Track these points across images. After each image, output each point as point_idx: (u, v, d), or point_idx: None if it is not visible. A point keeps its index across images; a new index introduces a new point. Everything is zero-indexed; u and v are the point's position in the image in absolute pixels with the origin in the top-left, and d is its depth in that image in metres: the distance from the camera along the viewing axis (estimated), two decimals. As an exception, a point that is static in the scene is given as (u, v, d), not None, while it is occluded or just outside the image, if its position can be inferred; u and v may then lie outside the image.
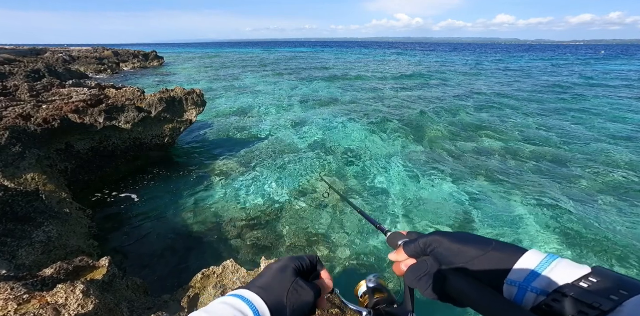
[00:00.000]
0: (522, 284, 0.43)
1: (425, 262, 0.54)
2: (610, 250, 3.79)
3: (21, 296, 1.52)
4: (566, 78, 20.68)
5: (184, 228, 4.13)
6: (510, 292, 0.45)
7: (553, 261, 0.43)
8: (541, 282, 0.42)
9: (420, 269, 0.54)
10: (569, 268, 0.42)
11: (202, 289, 2.19)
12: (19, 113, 4.56)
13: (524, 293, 0.43)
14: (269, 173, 5.87)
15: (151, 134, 6.31)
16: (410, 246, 0.57)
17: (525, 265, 0.44)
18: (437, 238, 0.54)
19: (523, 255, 0.46)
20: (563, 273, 0.42)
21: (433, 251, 0.53)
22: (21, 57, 20.20)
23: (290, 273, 0.55)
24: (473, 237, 0.53)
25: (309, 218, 4.41)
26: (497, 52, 67.69)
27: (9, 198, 2.70)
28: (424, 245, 0.55)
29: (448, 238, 0.53)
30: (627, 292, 0.36)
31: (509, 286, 0.45)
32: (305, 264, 0.58)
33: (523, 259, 0.45)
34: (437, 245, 0.53)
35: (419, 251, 0.56)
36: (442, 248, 0.52)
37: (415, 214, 4.56)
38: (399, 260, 0.58)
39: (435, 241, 0.53)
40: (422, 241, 0.55)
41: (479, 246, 0.50)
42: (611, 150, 7.08)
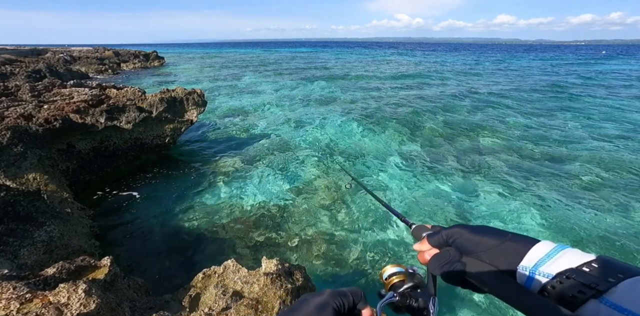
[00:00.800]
0: (531, 269, 0.48)
1: (447, 251, 0.59)
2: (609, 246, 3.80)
3: (23, 295, 1.52)
4: (565, 77, 20.67)
5: (185, 227, 4.14)
6: (521, 277, 0.50)
7: (562, 250, 0.48)
8: (548, 267, 0.47)
9: (443, 257, 0.58)
10: (575, 255, 0.46)
11: (203, 289, 2.19)
12: (20, 113, 4.57)
13: (532, 277, 0.48)
14: (270, 172, 5.88)
15: (152, 134, 6.32)
16: (434, 238, 0.61)
17: (536, 253, 0.49)
18: (458, 230, 0.59)
19: (535, 244, 0.50)
20: (569, 259, 0.46)
21: (454, 242, 0.58)
22: (22, 57, 20.24)
23: (329, 313, 0.50)
24: (490, 229, 0.58)
25: (309, 215, 4.41)
26: (497, 52, 67.66)
27: (10, 198, 2.71)
28: (446, 236, 0.59)
29: (468, 230, 0.58)
30: (623, 275, 0.40)
31: (520, 272, 0.50)
32: (347, 302, 0.53)
33: (535, 248, 0.50)
34: (458, 236, 0.58)
35: (442, 242, 0.60)
36: (463, 238, 0.57)
37: (418, 212, 4.57)
38: (423, 249, 0.63)
39: (456, 232, 0.58)
40: (444, 233, 0.60)
41: (496, 237, 0.54)
42: (609, 149, 7.08)
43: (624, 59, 42.51)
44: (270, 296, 1.85)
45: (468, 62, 36.19)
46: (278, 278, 1.96)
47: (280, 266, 2.08)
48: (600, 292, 0.40)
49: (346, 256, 3.66)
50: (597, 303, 0.40)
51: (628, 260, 3.62)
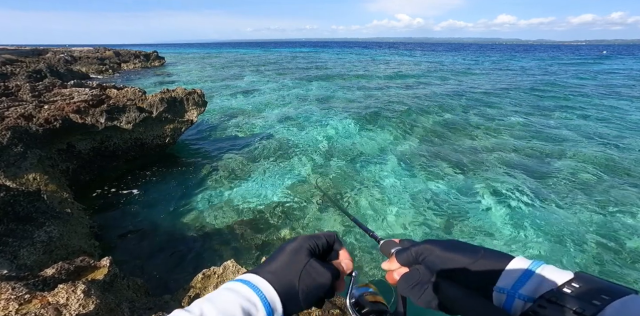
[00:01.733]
0: (509, 291, 0.45)
1: (417, 270, 0.55)
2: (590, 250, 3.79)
3: (22, 296, 1.52)
4: (564, 77, 20.63)
5: (184, 227, 4.14)
6: (499, 299, 0.46)
7: (538, 268, 0.45)
8: (527, 289, 0.44)
9: (413, 277, 0.54)
10: (552, 273, 0.44)
11: (203, 289, 2.19)
12: (20, 113, 4.58)
13: (512, 300, 0.45)
14: (270, 172, 5.88)
15: (152, 134, 6.32)
16: (402, 255, 0.57)
17: (512, 272, 0.46)
18: (428, 246, 0.54)
19: (510, 261, 0.48)
20: (547, 279, 0.43)
21: (424, 260, 0.54)
22: (23, 57, 20.26)
23: (304, 254, 0.52)
24: (462, 244, 0.54)
25: (309, 215, 4.41)
26: (497, 52, 67.68)
27: (10, 198, 2.71)
28: (415, 253, 0.55)
29: (438, 247, 0.54)
30: (608, 297, 0.38)
31: (497, 293, 0.46)
32: (321, 243, 0.55)
33: (510, 266, 0.47)
34: (428, 253, 0.54)
35: (411, 260, 0.56)
36: (433, 256, 0.53)
37: (407, 214, 4.56)
38: (392, 268, 0.59)
39: (426, 249, 0.54)
40: (413, 249, 0.56)
41: (469, 254, 0.51)
42: (603, 149, 7.07)
43: (625, 59, 42.46)
44: (270, 297, 1.84)
45: (467, 62, 36.22)
46: (278, 278, 1.95)
47: (279, 267, 2.07)
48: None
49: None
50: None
51: (620, 264, 3.61)
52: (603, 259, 3.66)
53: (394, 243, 0.64)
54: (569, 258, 3.72)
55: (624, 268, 3.52)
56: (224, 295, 0.45)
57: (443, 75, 21.63)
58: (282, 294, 0.48)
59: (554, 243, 3.94)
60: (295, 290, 0.49)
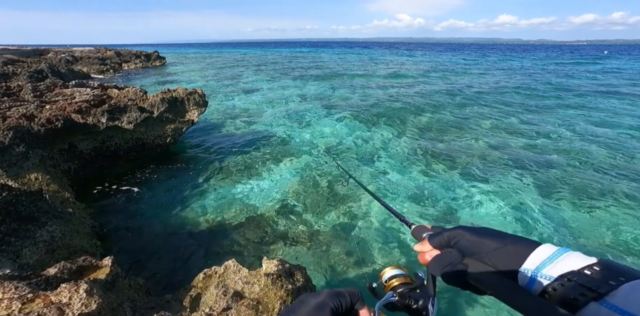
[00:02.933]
0: (533, 272, 0.48)
1: (449, 253, 0.58)
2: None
3: (25, 295, 1.53)
4: (563, 77, 20.62)
5: (186, 227, 4.15)
6: (523, 279, 0.50)
7: (564, 253, 0.48)
8: (550, 270, 0.47)
9: (444, 259, 0.58)
10: (576, 258, 0.46)
11: (204, 289, 2.19)
12: (22, 114, 4.59)
13: (534, 280, 0.48)
14: (271, 171, 5.88)
15: (153, 134, 6.33)
16: (435, 239, 0.61)
17: (538, 256, 0.49)
18: (460, 231, 0.58)
19: (537, 247, 0.51)
20: (570, 262, 0.46)
21: (456, 244, 0.58)
22: (24, 57, 20.30)
23: (327, 314, 0.50)
24: (492, 231, 0.57)
25: (310, 215, 4.42)
26: (497, 52, 67.72)
27: (12, 198, 2.72)
28: (448, 237, 0.59)
29: (470, 232, 0.57)
30: (624, 278, 0.40)
31: (522, 274, 0.50)
32: (344, 303, 0.53)
33: (537, 251, 0.50)
34: (460, 237, 0.57)
35: (443, 243, 0.60)
36: (465, 240, 0.57)
37: (417, 209, 4.57)
38: (424, 250, 0.62)
39: (458, 234, 0.58)
40: (446, 234, 0.60)
41: (498, 240, 0.54)
42: (601, 147, 7.07)
43: (625, 59, 42.36)
44: (271, 297, 1.85)
45: (465, 61, 36.32)
46: (279, 278, 1.96)
47: (280, 267, 2.08)
48: (602, 295, 0.40)
49: (346, 256, 3.66)
50: (598, 306, 0.40)
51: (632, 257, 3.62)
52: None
53: (425, 229, 0.69)
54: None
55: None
56: None
57: (441, 75, 21.81)
58: None
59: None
60: None
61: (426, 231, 0.68)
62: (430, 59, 39.44)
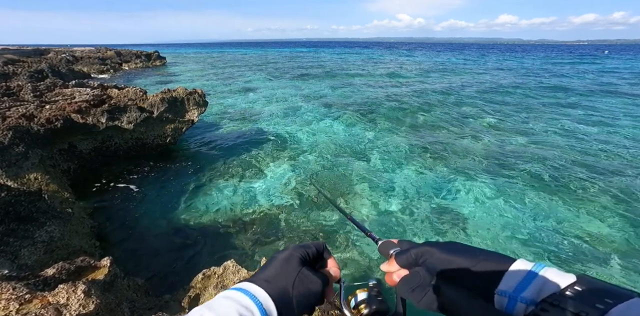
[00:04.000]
0: (512, 294, 0.44)
1: (417, 273, 0.54)
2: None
3: (23, 296, 1.53)
4: (561, 76, 20.59)
5: (185, 227, 4.14)
6: (501, 302, 0.46)
7: (540, 270, 0.45)
8: (530, 292, 0.43)
9: (413, 280, 0.54)
10: (555, 276, 0.43)
11: (203, 289, 2.19)
12: (22, 113, 4.59)
13: (514, 304, 0.44)
14: (270, 171, 5.88)
15: (153, 134, 6.33)
16: (402, 257, 0.57)
17: (514, 275, 0.46)
18: (428, 248, 0.54)
19: (511, 264, 0.47)
20: (549, 282, 0.43)
21: (425, 262, 0.54)
22: (25, 57, 20.32)
23: (296, 263, 0.54)
24: (463, 247, 0.54)
25: (309, 216, 4.41)
26: (497, 52, 67.81)
27: (11, 198, 2.72)
28: (415, 255, 0.55)
29: (438, 249, 0.53)
30: (611, 300, 0.37)
31: (499, 296, 0.46)
32: (311, 252, 0.57)
33: (512, 269, 0.47)
34: (429, 255, 0.53)
35: (411, 262, 0.56)
36: (434, 258, 0.52)
37: (407, 213, 4.57)
38: (391, 270, 0.58)
39: (426, 252, 0.54)
40: (413, 251, 0.55)
41: (469, 257, 0.50)
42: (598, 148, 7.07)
43: (625, 59, 42.30)
44: (270, 298, 1.84)
45: (463, 61, 36.40)
46: (277, 279, 1.95)
47: (279, 267, 2.07)
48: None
49: (348, 256, 3.66)
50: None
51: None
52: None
53: (392, 244, 0.63)
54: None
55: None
56: (223, 302, 0.47)
57: (439, 75, 21.92)
58: (277, 301, 0.49)
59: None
60: (289, 298, 0.51)
61: (393, 247, 0.62)
62: (429, 59, 39.49)
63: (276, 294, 0.50)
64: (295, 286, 0.52)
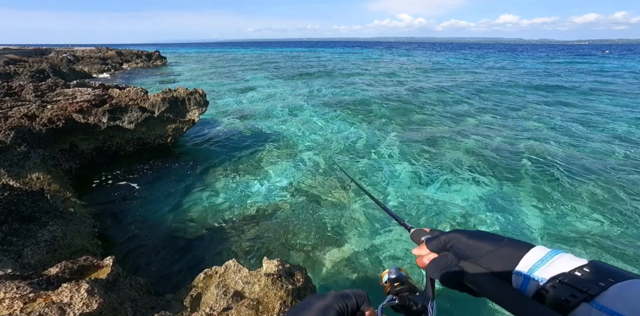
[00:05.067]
0: (525, 274, 0.50)
1: (446, 256, 0.60)
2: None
3: (27, 295, 1.54)
4: (562, 76, 20.56)
5: (187, 226, 4.16)
6: (517, 281, 0.51)
7: (555, 255, 0.49)
8: (542, 272, 0.48)
9: (442, 262, 0.59)
10: (568, 260, 0.48)
11: (205, 289, 2.20)
12: (24, 113, 4.61)
13: (527, 282, 0.49)
14: (271, 171, 5.89)
15: (154, 134, 6.35)
16: (432, 242, 0.63)
17: (531, 258, 0.51)
18: (456, 235, 0.60)
19: (530, 249, 0.52)
20: (562, 264, 0.47)
21: (452, 247, 0.59)
22: (26, 57, 20.35)
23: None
24: (487, 234, 0.59)
25: (311, 216, 4.42)
26: (496, 52, 67.80)
27: (14, 198, 2.73)
28: (444, 241, 0.61)
29: (465, 235, 0.59)
30: (613, 279, 0.42)
31: (516, 276, 0.51)
32: (350, 305, 0.53)
33: (530, 253, 0.51)
34: (456, 241, 0.59)
35: (440, 247, 0.62)
36: (460, 244, 0.58)
37: (415, 210, 4.57)
38: (422, 254, 0.64)
39: (454, 238, 0.60)
40: (442, 238, 0.61)
41: (492, 243, 0.56)
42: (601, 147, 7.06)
43: (628, 59, 42.17)
44: (271, 297, 1.86)
45: (463, 61, 36.42)
46: (279, 278, 1.97)
47: (281, 267, 2.09)
48: (592, 296, 0.41)
49: (347, 257, 3.67)
50: (588, 307, 0.41)
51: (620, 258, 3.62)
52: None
53: (424, 232, 0.70)
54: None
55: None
56: None
57: (438, 74, 21.98)
58: None
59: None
60: None
61: (424, 234, 0.69)
62: (427, 59, 39.55)
63: None
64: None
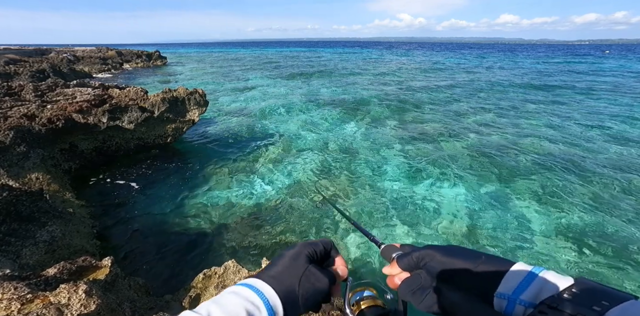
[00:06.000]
0: (510, 297, 0.45)
1: (418, 276, 0.55)
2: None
3: (24, 295, 1.53)
4: (562, 76, 20.54)
5: (186, 227, 4.15)
6: (500, 305, 0.46)
7: (539, 274, 0.45)
8: (528, 294, 0.44)
9: (414, 282, 0.55)
10: (553, 279, 0.44)
11: (204, 289, 2.19)
12: (23, 113, 4.60)
13: (513, 306, 0.45)
14: (271, 171, 5.88)
15: (154, 134, 6.34)
16: (404, 260, 0.57)
17: (513, 278, 0.47)
18: (429, 252, 0.55)
19: (510, 267, 0.48)
20: (547, 285, 0.44)
21: (426, 265, 0.54)
22: (26, 57, 20.36)
23: (303, 260, 0.54)
24: (463, 250, 0.54)
25: (311, 216, 4.41)
26: (496, 51, 67.84)
27: (13, 198, 2.73)
28: (416, 258, 0.56)
29: (440, 252, 0.54)
30: (608, 303, 0.38)
31: (498, 299, 0.47)
32: (319, 250, 0.57)
33: (511, 272, 0.47)
34: (430, 258, 0.54)
35: (412, 265, 0.56)
36: (434, 261, 0.53)
37: (408, 218, 4.56)
38: (393, 273, 0.59)
39: (427, 255, 0.55)
40: (414, 255, 0.56)
41: (469, 260, 0.51)
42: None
43: (628, 59, 42.14)
44: (270, 298, 1.85)
45: (462, 61, 36.49)
46: (278, 279, 1.96)
47: (280, 268, 2.07)
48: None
49: (347, 256, 3.66)
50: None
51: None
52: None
53: (394, 248, 0.64)
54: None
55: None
56: (229, 298, 0.47)
57: (436, 74, 22.08)
58: (283, 298, 0.49)
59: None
60: (296, 295, 0.51)
61: (395, 251, 0.63)
62: (426, 59, 39.61)
63: (282, 291, 0.50)
64: (302, 283, 0.51)
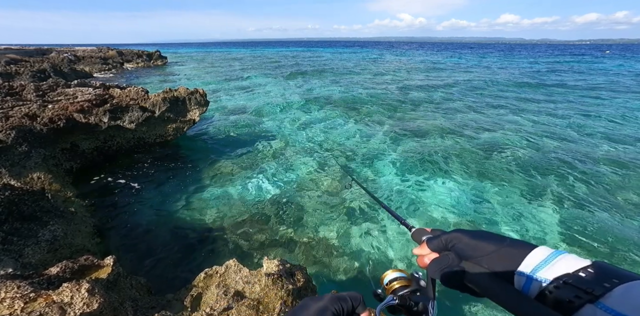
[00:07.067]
0: (529, 274, 0.49)
1: (446, 256, 0.60)
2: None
3: (27, 294, 1.54)
4: (562, 76, 20.52)
5: (187, 226, 4.16)
6: (519, 282, 0.50)
7: (559, 256, 0.48)
8: (545, 272, 0.47)
9: (442, 262, 0.59)
10: (571, 261, 0.47)
11: (205, 288, 2.20)
12: (25, 113, 4.62)
13: (530, 282, 0.49)
14: (272, 170, 5.89)
15: (155, 134, 6.35)
16: (433, 242, 0.62)
17: (534, 259, 0.50)
18: (458, 234, 0.59)
19: (533, 250, 0.51)
20: (565, 264, 0.47)
21: (454, 247, 0.59)
22: (27, 57, 20.38)
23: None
24: (489, 234, 0.58)
25: (312, 216, 4.42)
26: (496, 51, 67.86)
27: (15, 197, 2.74)
28: (445, 241, 0.60)
29: (467, 235, 0.58)
30: (618, 280, 0.41)
31: (518, 276, 0.50)
32: (346, 307, 0.55)
33: (532, 253, 0.51)
34: (457, 241, 0.58)
35: (441, 246, 0.61)
36: (462, 243, 0.58)
37: (424, 210, 4.57)
38: (423, 253, 0.63)
39: (455, 237, 0.59)
40: (444, 237, 0.61)
41: (494, 243, 0.55)
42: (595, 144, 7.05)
43: (628, 58, 42.06)
44: (272, 297, 1.86)
45: (464, 60, 36.47)
46: (279, 278, 1.97)
47: (281, 267, 2.09)
48: (596, 297, 0.40)
49: (348, 257, 3.67)
50: (593, 308, 0.40)
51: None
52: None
53: (425, 232, 0.70)
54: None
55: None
56: None
57: (435, 74, 22.17)
58: None
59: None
60: None
61: (425, 234, 0.68)
62: (427, 58, 39.72)
63: None
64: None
